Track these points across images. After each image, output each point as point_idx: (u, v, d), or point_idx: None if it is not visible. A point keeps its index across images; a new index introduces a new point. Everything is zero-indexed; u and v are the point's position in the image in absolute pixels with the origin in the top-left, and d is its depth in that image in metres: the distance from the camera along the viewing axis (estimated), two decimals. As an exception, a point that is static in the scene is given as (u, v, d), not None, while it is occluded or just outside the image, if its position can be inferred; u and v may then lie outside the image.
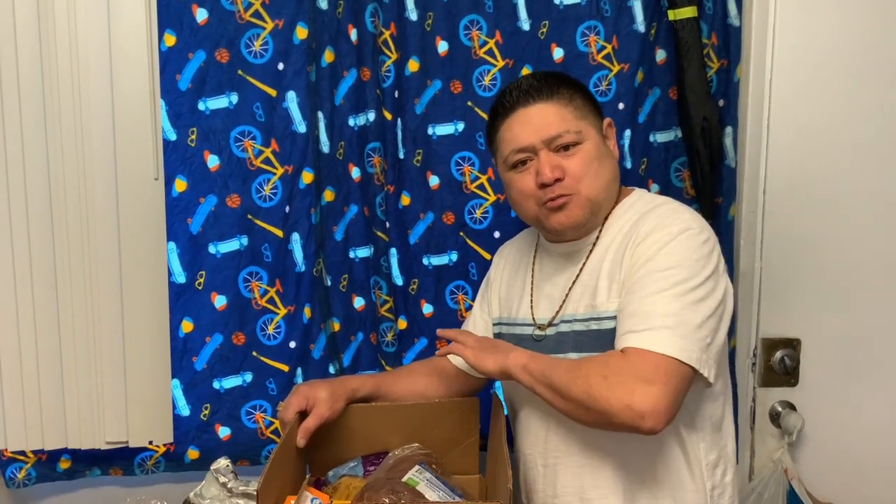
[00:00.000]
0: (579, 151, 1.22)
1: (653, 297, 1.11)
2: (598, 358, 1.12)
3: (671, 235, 1.15)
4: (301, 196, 1.72)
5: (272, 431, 1.77)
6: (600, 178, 1.24)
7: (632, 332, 1.10)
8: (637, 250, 1.18)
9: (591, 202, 1.24)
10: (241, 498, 1.22)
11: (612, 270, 1.21)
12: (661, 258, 1.14)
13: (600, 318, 1.21)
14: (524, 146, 1.23)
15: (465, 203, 1.75)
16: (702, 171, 1.70)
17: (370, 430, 1.45)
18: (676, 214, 1.20)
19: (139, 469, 1.80)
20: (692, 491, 1.21)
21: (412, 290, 1.77)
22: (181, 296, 1.70)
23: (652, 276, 1.13)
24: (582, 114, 1.24)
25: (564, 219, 1.25)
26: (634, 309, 1.12)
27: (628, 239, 1.21)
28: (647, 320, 1.09)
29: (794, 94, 1.70)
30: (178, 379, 1.71)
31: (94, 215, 1.68)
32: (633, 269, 1.17)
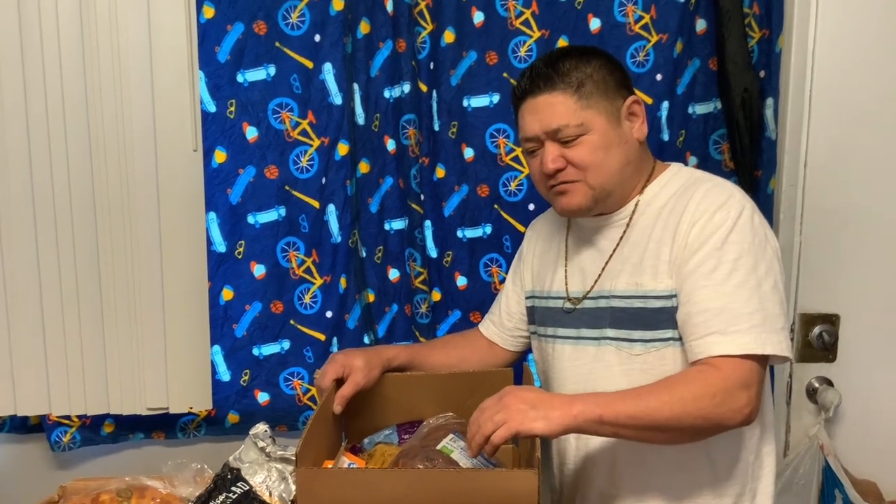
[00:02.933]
0: (583, 142, 1.19)
1: (733, 292, 1.11)
2: (695, 378, 1.09)
3: (732, 220, 1.14)
4: (337, 168, 1.73)
5: (309, 398, 1.81)
6: (606, 167, 1.21)
7: (720, 334, 1.10)
8: (693, 233, 1.15)
9: (596, 190, 1.22)
10: (278, 462, 1.25)
11: (658, 250, 1.20)
12: (730, 247, 1.13)
13: (645, 297, 1.20)
14: (530, 136, 1.24)
15: (500, 175, 1.75)
16: (741, 143, 1.68)
17: (405, 399, 1.47)
18: (727, 193, 1.18)
19: (181, 433, 1.85)
20: (730, 463, 1.22)
21: (446, 263, 1.78)
22: (221, 264, 1.73)
23: (724, 267, 1.12)
24: (590, 102, 1.19)
25: (567, 205, 1.25)
26: (714, 306, 1.11)
27: (676, 218, 1.19)
28: (735, 321, 1.10)
29: (838, 65, 1.66)
30: (218, 345, 1.75)
31: (135, 186, 1.71)
32: (692, 252, 1.15)
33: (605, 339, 1.24)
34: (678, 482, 1.20)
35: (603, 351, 1.24)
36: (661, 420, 1.06)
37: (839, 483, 1.69)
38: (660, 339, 1.19)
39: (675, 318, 1.17)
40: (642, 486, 1.22)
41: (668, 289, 1.18)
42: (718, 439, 1.18)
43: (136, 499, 1.23)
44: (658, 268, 1.19)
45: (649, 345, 1.19)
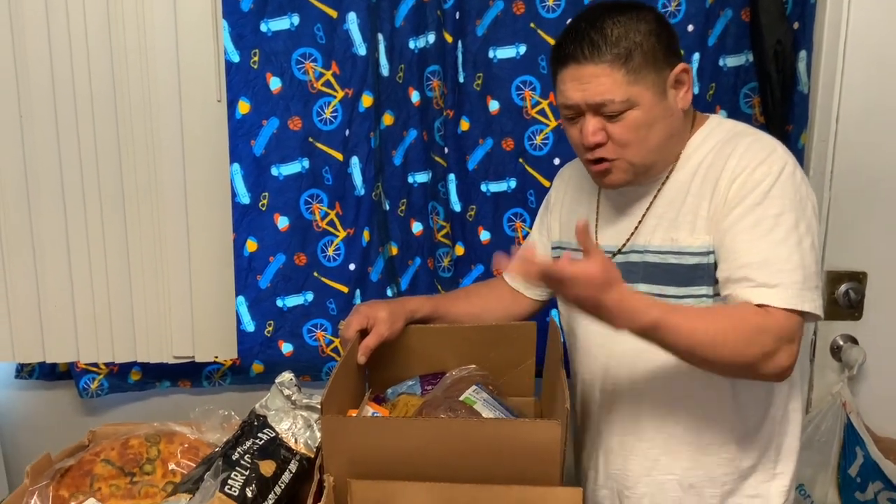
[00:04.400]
0: (627, 118, 1.15)
1: (774, 247, 1.09)
2: (746, 318, 1.07)
3: (774, 175, 1.12)
4: (361, 120, 1.72)
5: (332, 350, 1.83)
6: (647, 144, 1.17)
7: (765, 287, 1.08)
8: (733, 187, 1.13)
9: (636, 167, 1.19)
10: (304, 410, 1.27)
11: (696, 205, 1.18)
12: (771, 203, 1.11)
13: (681, 253, 1.18)
14: (570, 104, 1.19)
15: (526, 129, 1.72)
16: (773, 97, 1.64)
17: (428, 351, 1.48)
18: (769, 148, 1.15)
19: (206, 381, 1.88)
20: (759, 419, 1.22)
21: (469, 217, 1.77)
22: (245, 216, 1.74)
23: (766, 223, 1.11)
24: (638, 76, 1.13)
25: (608, 182, 1.23)
26: (756, 259, 1.09)
27: (715, 173, 1.16)
28: (777, 275, 1.08)
29: (873, 18, 1.61)
30: (243, 296, 1.76)
31: (160, 137, 1.71)
32: (731, 207, 1.13)
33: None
34: (704, 435, 1.21)
35: None
36: (703, 342, 1.04)
37: (861, 440, 1.69)
38: (693, 295, 1.18)
39: (711, 275, 1.16)
40: (666, 438, 1.22)
41: (705, 245, 1.16)
42: (749, 394, 1.18)
43: (165, 444, 1.25)
44: (696, 223, 1.17)
45: (682, 301, 1.18)
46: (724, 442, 1.21)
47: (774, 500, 1.24)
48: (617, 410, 1.26)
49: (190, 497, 1.08)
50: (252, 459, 1.16)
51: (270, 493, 1.14)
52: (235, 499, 1.09)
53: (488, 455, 1.08)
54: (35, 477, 1.16)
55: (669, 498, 1.23)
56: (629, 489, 1.25)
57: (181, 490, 1.10)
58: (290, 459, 1.20)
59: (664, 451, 1.22)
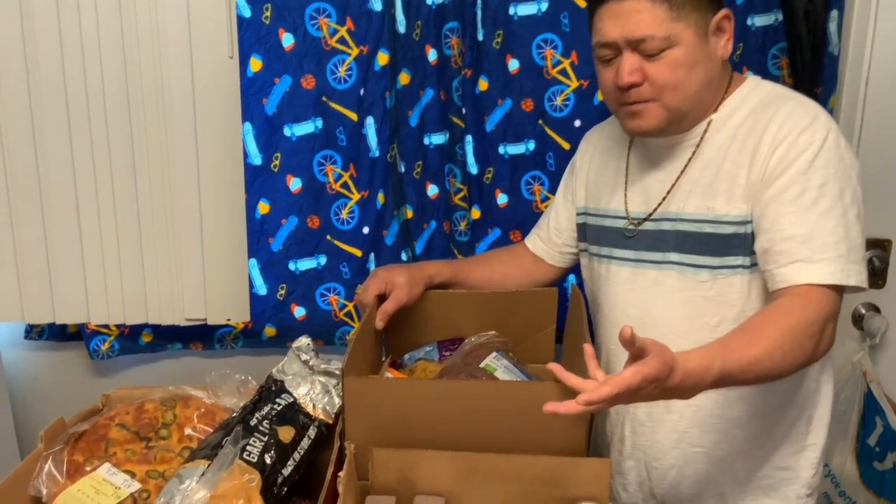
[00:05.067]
0: (666, 57, 1.10)
1: (819, 219, 1.05)
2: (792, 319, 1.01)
3: (818, 143, 1.08)
4: (376, 78, 1.67)
5: (345, 314, 1.80)
6: (686, 88, 1.12)
7: (806, 262, 1.04)
8: (776, 156, 1.09)
9: (671, 112, 1.14)
10: (322, 375, 1.25)
11: (734, 172, 1.13)
12: (815, 172, 1.07)
13: (717, 222, 1.14)
14: (608, 42, 1.13)
15: (546, 89, 1.67)
16: (802, 58, 1.59)
17: (446, 317, 1.46)
18: (812, 114, 1.11)
19: (219, 344, 1.86)
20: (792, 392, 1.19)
21: (487, 180, 1.73)
22: (257, 177, 1.70)
23: (810, 193, 1.06)
24: (681, 13, 1.09)
25: (637, 127, 1.17)
26: (800, 233, 1.05)
27: (755, 139, 1.12)
28: (821, 249, 1.04)
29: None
30: (255, 259, 1.73)
31: (170, 94, 1.67)
32: (775, 177, 1.09)
33: (668, 263, 1.20)
34: (735, 408, 1.19)
35: (664, 275, 1.20)
36: (768, 366, 0.98)
37: (881, 410, 1.67)
38: (728, 265, 1.14)
39: (748, 246, 1.12)
40: (696, 411, 1.20)
41: (743, 214, 1.12)
42: None
43: (181, 408, 1.23)
44: (733, 191, 1.13)
45: (717, 272, 1.15)
46: (755, 415, 1.19)
47: (805, 472, 1.22)
48: (646, 381, 1.23)
49: (208, 463, 1.06)
50: (270, 425, 1.14)
51: (289, 460, 1.12)
52: (254, 465, 1.07)
53: (513, 421, 1.06)
54: (49, 441, 1.14)
55: (698, 470, 1.21)
56: (657, 460, 1.23)
57: (199, 456, 1.08)
58: (309, 425, 1.18)
59: (693, 423, 1.20)
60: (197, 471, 1.05)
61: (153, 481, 1.13)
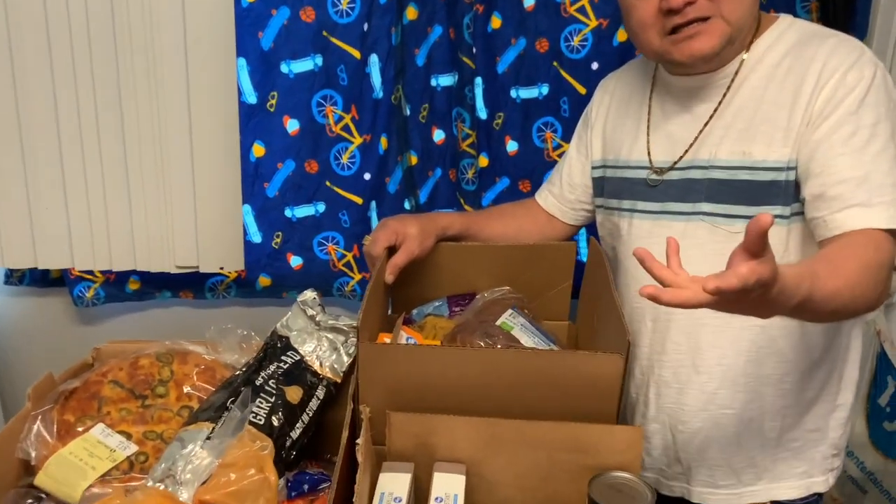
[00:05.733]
0: None
1: (874, 160, 0.98)
2: (867, 258, 0.94)
3: (868, 81, 1.00)
4: (381, 12, 1.56)
5: (344, 264, 1.72)
6: (743, 0, 1.06)
7: (863, 206, 0.97)
8: (823, 95, 1.02)
9: (732, 27, 1.05)
10: (329, 332, 1.17)
11: (773, 114, 1.06)
12: (866, 111, 0.99)
13: (754, 168, 1.07)
14: None
15: (562, 28, 1.57)
16: (835, 1, 1.50)
17: (457, 270, 1.38)
18: (858, 50, 1.03)
19: (210, 293, 1.77)
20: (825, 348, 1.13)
21: (496, 125, 1.64)
22: (252, 117, 1.59)
23: (863, 133, 0.99)
24: None
25: (698, 49, 1.07)
26: (856, 175, 0.98)
27: (796, 79, 1.04)
28: (879, 192, 0.97)
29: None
30: (249, 205, 1.64)
31: (160, 24, 1.55)
32: (823, 117, 1.01)
33: (699, 213, 1.12)
34: (766, 366, 1.12)
35: (694, 227, 1.12)
36: (846, 301, 0.90)
37: (893, 370, 1.64)
38: None
39: (789, 193, 1.05)
40: (725, 370, 1.13)
41: (784, 159, 1.04)
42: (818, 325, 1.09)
43: (178, 364, 1.15)
44: (773, 135, 1.05)
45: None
46: (787, 372, 1.13)
47: (833, 433, 1.17)
48: (672, 340, 1.16)
49: (213, 426, 0.98)
50: (277, 385, 1.07)
51: (298, 422, 1.05)
52: (261, 428, 1.00)
53: (539, 388, 0.99)
54: (37, 400, 1.06)
55: (726, 433, 1.16)
56: (683, 423, 1.17)
57: (202, 418, 1.01)
58: (317, 385, 1.11)
59: (722, 383, 1.14)
60: (200, 434, 0.98)
61: (151, 443, 1.06)
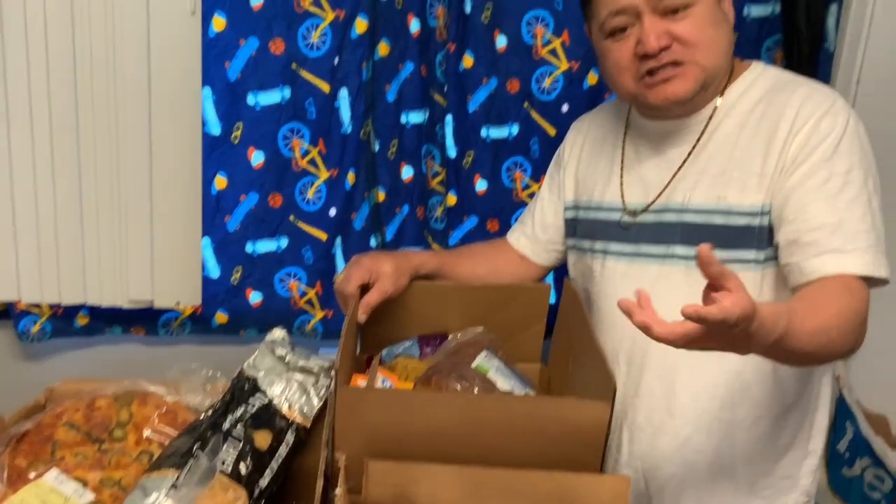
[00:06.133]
0: (691, 15, 1.04)
1: (847, 207, 0.99)
2: (844, 303, 0.94)
3: (841, 128, 1.02)
4: (353, 47, 1.54)
5: (306, 301, 1.67)
6: (717, 46, 1.06)
7: (838, 253, 0.98)
8: (797, 142, 1.03)
9: (706, 73, 1.07)
10: (299, 372, 1.12)
11: (747, 160, 1.07)
12: (840, 158, 1.01)
13: (729, 213, 1.07)
14: (624, 6, 1.06)
15: (534, 70, 1.58)
16: (799, 52, 1.54)
17: (429, 310, 1.34)
18: (830, 98, 1.05)
19: (163, 329, 1.70)
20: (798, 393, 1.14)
21: (465, 164, 1.63)
22: (215, 149, 1.55)
23: (836, 180, 1.00)
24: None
25: (672, 92, 1.08)
26: (830, 221, 0.99)
27: (770, 125, 1.06)
28: (853, 239, 0.99)
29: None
30: (209, 238, 1.58)
31: (123, 51, 1.50)
32: (797, 163, 1.02)
33: (673, 256, 1.12)
34: (740, 410, 1.12)
35: (669, 270, 1.12)
36: (821, 343, 0.90)
37: (851, 415, 1.65)
38: (740, 260, 1.07)
39: (762, 238, 1.06)
40: (700, 415, 1.12)
41: (758, 204, 1.05)
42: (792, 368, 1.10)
43: (138, 406, 1.08)
44: (747, 181, 1.06)
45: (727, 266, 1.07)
46: (761, 416, 1.12)
47: (804, 480, 1.17)
48: (646, 383, 1.15)
49: (178, 473, 0.92)
50: (245, 429, 1.01)
51: (266, 469, 1.00)
52: (229, 476, 0.94)
53: (523, 435, 0.96)
54: (-16, 444, 0.98)
55: (700, 479, 1.14)
56: (657, 469, 1.15)
57: (166, 465, 0.94)
58: (286, 430, 1.05)
59: (697, 427, 1.12)
60: (164, 482, 0.92)
61: (108, 490, 0.98)
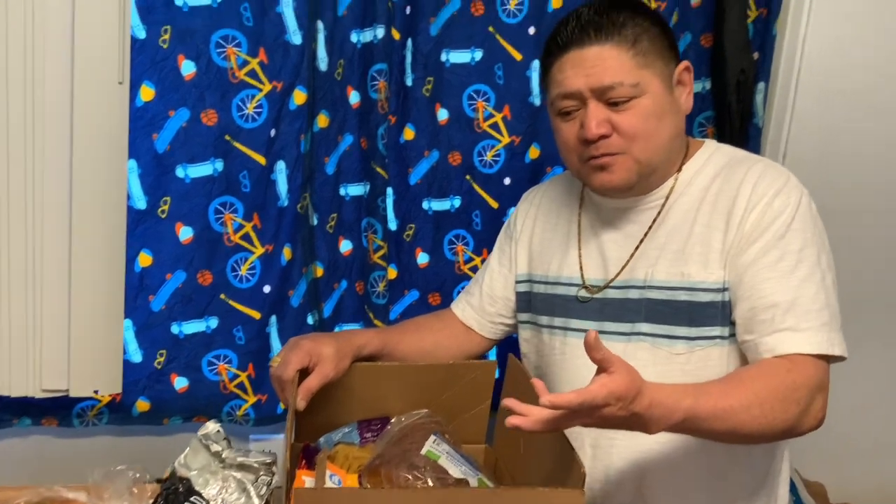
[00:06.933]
0: (635, 106, 1.04)
1: (801, 286, 1.01)
2: (777, 373, 0.97)
3: (794, 206, 1.03)
4: (290, 119, 1.49)
5: (237, 385, 1.57)
6: (656, 139, 1.06)
7: (792, 331, 0.99)
8: (751, 219, 1.03)
9: (642, 165, 1.07)
10: (236, 470, 1.03)
11: (707, 236, 1.07)
12: (793, 237, 1.02)
13: (693, 289, 1.06)
14: (571, 92, 1.07)
15: (476, 143, 1.56)
16: (731, 128, 1.58)
17: (370, 393, 1.27)
18: (784, 176, 1.07)
19: (78, 420, 1.55)
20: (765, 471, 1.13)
21: (407, 237, 1.58)
22: (140, 224, 1.46)
23: (789, 258, 1.02)
24: (647, 60, 1.05)
25: (608, 182, 1.09)
26: (784, 300, 1.00)
27: (727, 202, 1.06)
28: (805, 317, 0.99)
29: (828, 52, 1.59)
30: (130, 319, 1.47)
31: (44, 119, 1.41)
32: (750, 241, 1.03)
33: (639, 334, 1.09)
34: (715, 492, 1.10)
35: (635, 348, 1.09)
36: (744, 420, 0.92)
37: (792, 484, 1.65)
38: (706, 336, 1.06)
39: (725, 314, 1.05)
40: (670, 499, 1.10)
41: (720, 280, 1.05)
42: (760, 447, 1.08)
43: (53, 515, 0.97)
44: (708, 256, 1.06)
45: (694, 343, 1.06)
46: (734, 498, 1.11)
47: None
48: (615, 467, 1.10)
49: None
50: (177, 538, 0.91)
51: (201, 582, 0.90)
52: None
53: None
54: None
55: None
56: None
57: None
58: (223, 534, 0.96)
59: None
60: None
61: None
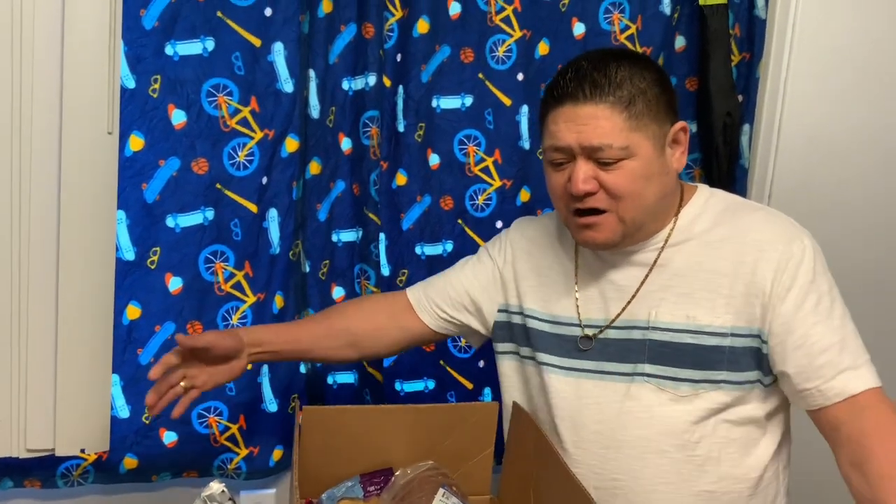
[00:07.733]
0: (623, 167, 1.05)
1: (843, 324, 1.05)
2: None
3: (811, 250, 1.07)
4: (282, 166, 1.48)
5: (227, 437, 1.52)
6: (642, 199, 1.07)
7: (852, 370, 1.02)
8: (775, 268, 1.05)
9: (627, 224, 1.08)
10: (240, 527, 0.99)
11: (714, 281, 1.07)
12: (820, 279, 1.06)
13: (699, 333, 1.07)
14: (562, 146, 1.07)
15: (467, 187, 1.57)
16: (719, 169, 1.60)
17: (370, 439, 1.24)
18: (787, 221, 1.11)
19: (62, 481, 1.49)
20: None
21: (400, 282, 1.56)
22: (128, 275, 1.42)
23: (825, 300, 1.05)
24: (639, 123, 1.05)
25: (592, 239, 1.10)
26: (835, 340, 1.03)
27: (734, 248, 1.08)
28: (857, 353, 1.04)
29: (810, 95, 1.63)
30: (118, 374, 1.43)
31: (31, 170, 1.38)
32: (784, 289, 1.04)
33: (642, 375, 1.09)
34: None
35: (638, 388, 1.09)
36: None
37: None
38: (711, 380, 1.07)
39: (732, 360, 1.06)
40: None
41: (728, 325, 1.06)
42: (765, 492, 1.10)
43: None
44: (716, 301, 1.07)
45: (699, 385, 1.07)
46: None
47: None
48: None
49: None
50: None
51: None
52: None
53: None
54: None
55: None
56: None
57: None
58: None
59: None
60: None
61: None
